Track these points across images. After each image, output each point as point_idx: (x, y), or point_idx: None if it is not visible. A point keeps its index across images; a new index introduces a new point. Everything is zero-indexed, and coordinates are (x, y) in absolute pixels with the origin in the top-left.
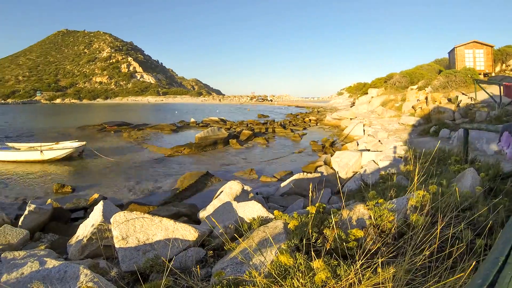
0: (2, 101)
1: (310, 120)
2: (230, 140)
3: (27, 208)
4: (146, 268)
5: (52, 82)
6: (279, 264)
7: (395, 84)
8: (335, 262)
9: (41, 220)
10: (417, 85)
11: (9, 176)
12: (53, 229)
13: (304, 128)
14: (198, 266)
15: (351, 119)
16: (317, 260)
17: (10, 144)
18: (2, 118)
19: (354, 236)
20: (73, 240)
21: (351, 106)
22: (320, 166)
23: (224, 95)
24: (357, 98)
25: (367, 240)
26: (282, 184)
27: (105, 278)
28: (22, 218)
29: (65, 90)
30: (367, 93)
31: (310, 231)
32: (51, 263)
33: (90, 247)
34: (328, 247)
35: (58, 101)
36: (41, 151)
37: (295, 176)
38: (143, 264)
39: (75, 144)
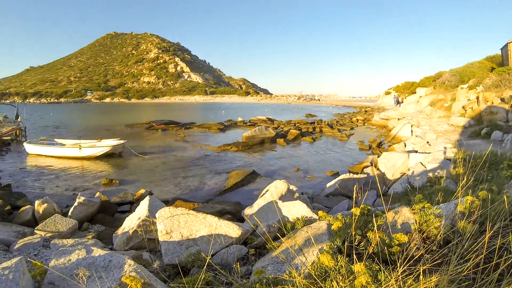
0: (55, 100)
1: (357, 120)
2: (277, 139)
3: (77, 200)
4: (187, 262)
5: (101, 82)
6: (319, 265)
7: (444, 83)
8: (376, 267)
9: (89, 211)
10: (468, 84)
11: (61, 169)
12: (100, 221)
13: (351, 128)
14: (238, 263)
15: (398, 119)
16: (358, 263)
17: (57, 140)
18: (55, 116)
19: (397, 240)
20: (119, 232)
21: (397, 106)
22: (367, 167)
23: (272, 94)
24: (405, 98)
25: (411, 245)
26: (328, 184)
27: (147, 270)
28: (71, 209)
29: (114, 89)
30: (415, 93)
31: (353, 233)
32: (97, 252)
33: (135, 239)
34: (370, 251)
35: (107, 100)
36: (79, 148)
37: (341, 177)
38: (185, 259)
39: (113, 142)
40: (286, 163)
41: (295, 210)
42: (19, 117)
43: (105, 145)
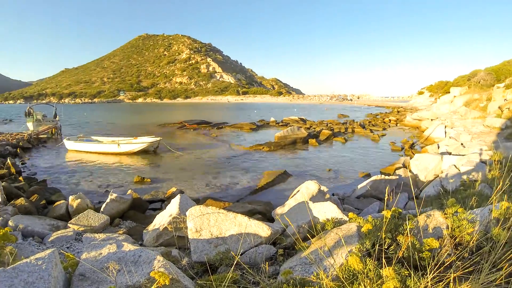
0: (89, 100)
1: (389, 120)
2: (309, 140)
3: (109, 197)
4: (216, 260)
5: (134, 83)
6: (348, 268)
7: (479, 82)
8: (405, 272)
9: (121, 208)
10: (504, 83)
11: (95, 166)
12: (131, 217)
13: (384, 129)
14: (267, 263)
15: (431, 120)
16: (387, 268)
17: (94, 137)
18: (89, 115)
19: (428, 246)
20: (150, 228)
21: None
22: (399, 168)
23: (304, 94)
24: (438, 98)
25: (442, 251)
26: (359, 186)
27: (176, 266)
28: (104, 205)
29: (147, 90)
30: (449, 92)
31: (383, 236)
32: (128, 247)
33: (165, 236)
34: (400, 255)
35: (140, 100)
36: (118, 145)
37: (373, 178)
38: (214, 257)
39: (150, 139)
40: (318, 163)
41: (326, 211)
42: (57, 116)
43: (142, 141)
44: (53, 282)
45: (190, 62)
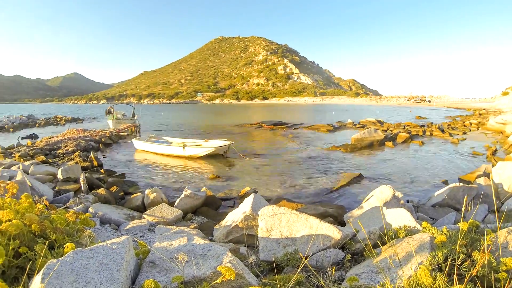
0: (167, 101)
1: (470, 123)
2: (386, 142)
3: (184, 192)
4: (282, 260)
5: (211, 84)
6: (416, 281)
7: None
8: None
9: (194, 204)
10: None
11: (171, 163)
12: (203, 213)
13: (464, 133)
14: (333, 268)
15: None
16: (458, 285)
17: (165, 138)
18: (167, 115)
19: (505, 266)
20: (221, 225)
21: None
22: (479, 176)
23: (381, 95)
24: None
25: None
26: (436, 193)
27: (242, 263)
28: (178, 200)
29: (224, 91)
30: None
31: (457, 250)
32: (198, 241)
33: (235, 234)
34: (473, 274)
35: (217, 101)
36: (183, 147)
37: (450, 186)
38: (281, 257)
39: (218, 143)
40: (394, 167)
41: (399, 218)
42: (136, 116)
43: (209, 145)
44: (124, 265)
45: (267, 63)
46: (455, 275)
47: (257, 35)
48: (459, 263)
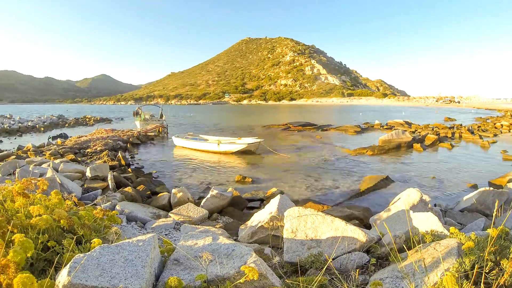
0: (195, 102)
1: (501, 125)
2: (413, 144)
3: (210, 193)
4: (306, 262)
5: (239, 85)
6: None
7: None
8: None
9: (220, 204)
10: None
11: (198, 163)
12: (229, 213)
13: (495, 135)
14: (357, 271)
15: None
16: None
17: (201, 136)
18: (196, 116)
19: None
20: (246, 225)
21: None
22: (510, 181)
23: (409, 96)
24: None
25: None
26: (464, 198)
27: (266, 264)
28: (204, 200)
29: (251, 92)
30: None
31: (485, 258)
32: (223, 240)
33: (260, 234)
34: (501, 282)
35: (244, 102)
36: (218, 144)
37: (480, 190)
38: (305, 259)
39: (250, 140)
40: (421, 170)
41: (426, 222)
42: (164, 116)
43: (242, 142)
44: (149, 262)
45: (294, 64)
46: (482, 284)
47: (284, 36)
48: (487, 271)
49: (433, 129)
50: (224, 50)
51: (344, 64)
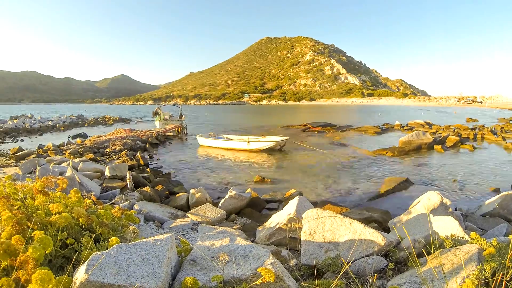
0: (214, 102)
1: None
2: (434, 146)
3: (228, 193)
4: (324, 265)
5: (258, 85)
6: None
7: None
8: None
9: (238, 205)
10: None
11: (217, 164)
12: (247, 214)
13: None
14: (375, 276)
15: None
16: None
17: (224, 135)
18: (213, 116)
19: None
20: (264, 226)
21: None
22: None
23: (430, 96)
24: None
25: None
26: (486, 202)
27: (283, 266)
28: (222, 201)
29: (271, 92)
30: None
31: (507, 265)
32: (240, 241)
33: (277, 236)
34: None
35: (264, 102)
36: (248, 142)
37: (503, 194)
38: (322, 262)
39: (277, 138)
40: (442, 172)
41: (446, 227)
42: (183, 117)
43: (270, 140)
44: (166, 261)
45: (314, 64)
46: None
47: (303, 35)
48: (508, 279)
49: (454, 130)
50: (243, 49)
51: (364, 64)
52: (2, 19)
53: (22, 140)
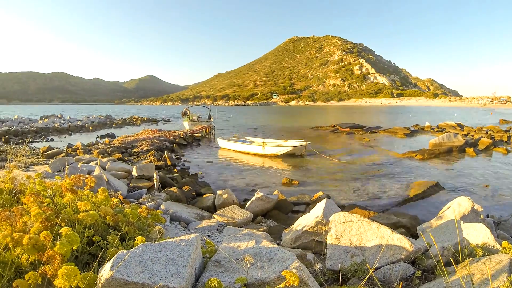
0: (242, 102)
1: None
2: (466, 149)
3: (255, 195)
4: (349, 271)
5: (287, 85)
6: None
7: None
8: None
9: (265, 207)
10: None
11: (245, 165)
12: (274, 217)
13: None
14: (400, 283)
15: None
16: None
17: (247, 138)
18: (241, 117)
19: None
20: (290, 229)
21: None
22: None
23: (461, 96)
24: None
25: None
26: None
27: (308, 270)
28: (249, 203)
29: (300, 92)
30: None
31: None
32: (265, 244)
33: (303, 239)
34: None
35: (293, 103)
36: (262, 147)
37: None
38: (348, 267)
39: (295, 143)
40: (474, 177)
41: (476, 234)
42: (212, 118)
43: (287, 145)
44: (191, 262)
45: (343, 63)
46: None
47: (331, 34)
48: None
49: (487, 132)
50: (271, 49)
51: (393, 63)
52: (34, 23)
53: (51, 140)
